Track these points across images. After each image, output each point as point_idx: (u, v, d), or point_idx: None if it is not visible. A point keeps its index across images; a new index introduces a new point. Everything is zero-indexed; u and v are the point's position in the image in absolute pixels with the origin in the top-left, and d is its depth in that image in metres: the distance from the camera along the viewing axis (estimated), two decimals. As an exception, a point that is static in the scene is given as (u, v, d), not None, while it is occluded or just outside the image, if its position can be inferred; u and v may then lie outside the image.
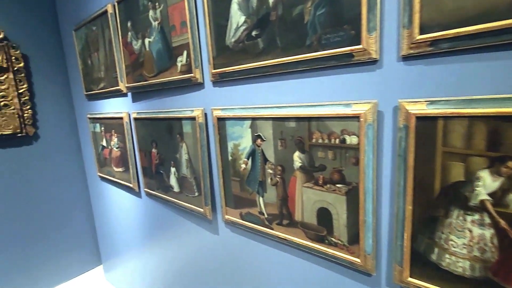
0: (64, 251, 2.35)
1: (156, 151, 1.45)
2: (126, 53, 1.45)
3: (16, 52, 1.96)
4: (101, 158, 2.01)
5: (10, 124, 1.96)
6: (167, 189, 1.44)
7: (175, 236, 1.54)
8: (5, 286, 2.03)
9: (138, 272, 2.01)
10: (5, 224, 2.02)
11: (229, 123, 1.05)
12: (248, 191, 1.04)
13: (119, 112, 1.65)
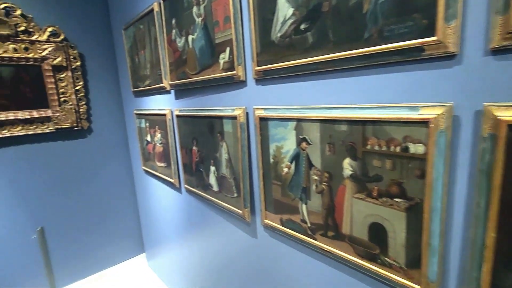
0: (112, 238, 2.51)
1: (196, 148, 1.45)
2: (170, 50, 1.46)
3: (74, 51, 2.11)
4: (145, 153, 2.09)
5: (68, 118, 2.12)
6: (206, 188, 1.44)
7: (212, 233, 1.53)
8: (60, 268, 2.23)
9: (176, 262, 2.07)
10: (62, 209, 2.22)
11: (271, 123, 0.99)
12: (290, 196, 0.98)
13: (162, 109, 1.69)
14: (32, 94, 1.98)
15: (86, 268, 2.40)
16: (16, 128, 1.95)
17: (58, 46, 2.01)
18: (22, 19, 1.89)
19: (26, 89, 1.96)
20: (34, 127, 2.01)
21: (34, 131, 2.01)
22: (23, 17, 1.89)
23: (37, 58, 1.95)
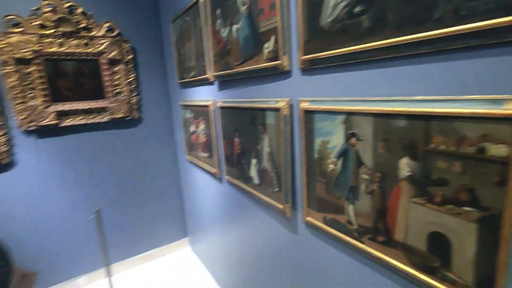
0: (158, 221, 2.68)
1: (238, 140, 1.45)
2: (214, 41, 1.46)
3: (127, 45, 2.23)
4: (189, 143, 2.16)
5: (122, 109, 2.27)
6: (247, 180, 1.43)
7: (252, 225, 1.53)
8: (113, 245, 2.44)
9: (217, 250, 2.13)
10: (115, 193, 2.41)
11: (318, 116, 0.93)
12: (335, 195, 0.92)
13: (206, 100, 1.71)
14: (91, 86, 2.16)
15: (135, 247, 2.60)
16: (78, 117, 2.14)
17: (113, 41, 2.15)
18: (83, 17, 2.04)
19: (86, 81, 2.14)
20: (93, 116, 2.20)
21: (93, 120, 2.20)
22: (84, 14, 2.05)
23: (95, 53, 2.11)
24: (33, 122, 1.97)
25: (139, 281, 2.42)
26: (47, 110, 2.00)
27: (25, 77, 1.92)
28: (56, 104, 2.04)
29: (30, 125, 1.97)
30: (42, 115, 1.99)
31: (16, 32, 1.84)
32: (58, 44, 1.98)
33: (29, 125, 1.97)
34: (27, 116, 1.95)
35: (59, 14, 1.95)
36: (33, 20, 1.89)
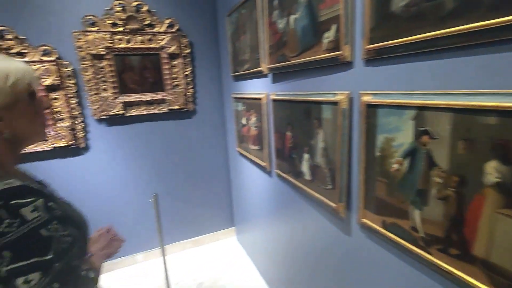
0: (207, 208, 2.80)
1: (290, 134, 1.42)
2: (270, 33, 1.44)
3: (185, 40, 2.34)
4: (240, 135, 2.19)
5: (178, 100, 2.41)
6: (298, 175, 1.40)
7: (301, 221, 1.50)
8: (167, 228, 2.62)
9: (263, 243, 2.15)
10: (170, 179, 2.58)
11: (382, 111, 0.85)
12: (398, 198, 0.84)
13: (259, 93, 1.71)
14: (153, 79, 2.32)
15: (185, 231, 2.76)
16: (141, 108, 2.33)
17: (173, 36, 2.27)
18: (147, 14, 2.19)
19: (148, 75, 2.30)
20: (153, 107, 2.36)
21: (153, 111, 2.36)
22: (148, 12, 2.19)
23: (157, 48, 2.25)
24: (104, 112, 2.20)
25: (188, 263, 2.57)
26: (115, 101, 2.21)
27: (98, 71, 2.14)
28: (123, 96, 2.24)
29: (101, 114, 2.20)
30: (111, 105, 2.20)
31: (92, 30, 2.06)
32: (126, 40, 2.16)
33: (101, 114, 2.20)
34: (99, 106, 2.18)
35: (128, 12, 2.12)
36: (106, 19, 2.09)
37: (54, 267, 0.60)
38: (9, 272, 0.55)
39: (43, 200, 0.62)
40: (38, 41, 1.96)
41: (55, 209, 0.64)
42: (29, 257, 0.58)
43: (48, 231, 0.60)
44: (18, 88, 0.65)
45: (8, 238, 0.55)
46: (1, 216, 0.55)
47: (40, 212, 0.60)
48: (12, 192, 0.59)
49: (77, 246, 0.71)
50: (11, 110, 0.65)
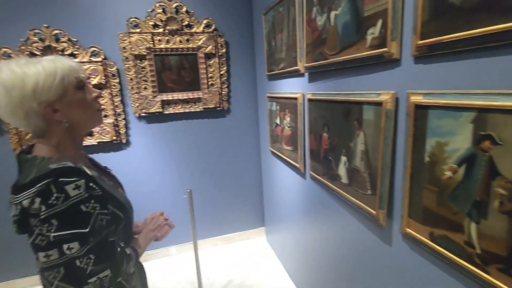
0: (238, 207, 2.82)
1: (327, 135, 1.37)
2: (308, 30, 1.40)
3: (221, 39, 2.37)
4: (273, 135, 2.17)
5: (213, 99, 2.45)
6: (334, 178, 1.35)
7: (335, 226, 1.44)
8: (200, 223, 2.68)
9: (293, 245, 2.11)
10: (204, 176, 2.64)
11: (433, 113, 0.78)
12: (451, 208, 0.76)
13: (294, 92, 1.67)
14: (189, 78, 2.38)
15: (216, 228, 2.81)
16: (177, 107, 2.41)
17: (210, 36, 2.31)
18: (186, 15, 2.25)
19: (185, 74, 2.37)
20: (189, 106, 2.43)
21: (189, 109, 2.43)
22: (187, 13, 2.25)
23: (194, 48, 2.31)
24: (144, 109, 2.30)
25: (219, 260, 2.61)
26: (154, 99, 2.30)
27: (140, 71, 2.24)
28: (161, 94, 2.33)
29: (141, 111, 2.30)
30: (151, 103, 2.30)
31: (135, 32, 2.16)
32: (166, 41, 2.24)
33: (141, 111, 2.30)
34: (140, 104, 2.29)
35: (168, 14, 2.20)
36: (148, 21, 2.19)
37: (90, 240, 0.70)
38: (56, 238, 0.66)
39: (85, 181, 0.70)
40: (88, 43, 2.11)
41: (95, 189, 0.73)
42: (71, 227, 0.68)
43: (86, 207, 0.69)
44: (66, 83, 0.75)
45: (55, 209, 0.65)
46: (51, 190, 0.66)
47: (81, 191, 0.69)
48: (62, 171, 0.68)
49: (119, 225, 0.82)
50: (63, 102, 0.76)
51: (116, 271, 0.76)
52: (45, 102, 0.73)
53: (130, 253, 0.85)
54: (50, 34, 2.00)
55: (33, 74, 0.70)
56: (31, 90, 0.70)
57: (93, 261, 0.70)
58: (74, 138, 0.82)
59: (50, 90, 0.72)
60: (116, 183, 0.97)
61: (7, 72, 0.69)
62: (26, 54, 1.99)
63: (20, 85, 0.69)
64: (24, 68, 0.70)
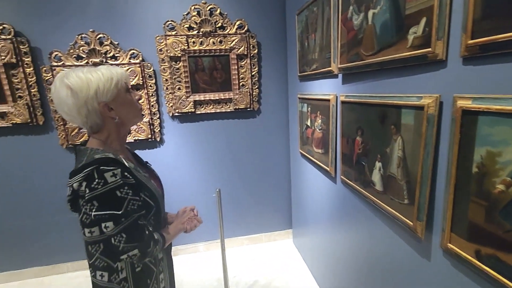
0: (265, 207, 2.81)
1: (360, 139, 1.31)
2: (343, 30, 1.35)
3: (253, 40, 2.38)
4: (303, 137, 2.13)
5: (244, 100, 2.46)
6: (366, 184, 1.28)
7: (367, 234, 1.38)
8: (227, 222, 2.71)
9: (320, 248, 2.06)
10: (233, 176, 2.67)
11: (484, 119, 0.71)
12: (502, 225, 0.68)
13: (326, 94, 1.63)
14: (221, 79, 2.42)
15: (243, 228, 2.83)
16: (209, 107, 2.46)
17: (242, 37, 2.33)
18: (219, 17, 2.29)
19: (217, 75, 2.41)
20: (220, 106, 2.47)
21: (220, 109, 2.47)
22: (221, 15, 2.29)
23: (226, 49, 2.34)
24: (177, 109, 2.38)
25: (245, 259, 2.62)
26: (187, 99, 2.37)
27: (174, 72, 2.32)
28: (194, 95, 2.39)
29: (175, 111, 2.38)
30: (184, 103, 2.37)
31: (171, 34, 2.24)
32: (199, 42, 2.29)
33: (175, 111, 2.38)
34: (174, 104, 2.37)
35: (202, 16, 2.25)
36: (183, 23, 2.25)
37: (123, 221, 0.82)
38: (95, 217, 0.80)
39: (121, 170, 0.82)
40: (128, 46, 2.23)
41: (129, 178, 0.84)
42: (107, 208, 0.80)
43: (121, 193, 0.81)
44: (119, 86, 0.90)
45: (96, 192, 0.79)
46: (94, 176, 0.79)
47: (117, 178, 0.81)
48: (103, 161, 0.81)
49: (150, 212, 0.92)
50: (117, 102, 0.90)
51: (144, 252, 0.87)
52: (103, 102, 0.87)
53: (158, 238, 0.93)
54: (95, 38, 2.14)
55: (95, 79, 0.85)
56: (94, 92, 0.84)
57: (124, 239, 0.82)
58: (120, 133, 0.96)
59: (108, 92, 0.87)
60: (152, 176, 1.07)
61: (74, 78, 0.84)
62: (74, 57, 2.15)
63: (86, 88, 0.84)
64: (87, 74, 0.85)
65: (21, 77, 2.12)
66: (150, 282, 0.97)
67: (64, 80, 0.84)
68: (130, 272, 0.92)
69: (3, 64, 2.06)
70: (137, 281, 0.93)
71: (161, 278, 1.02)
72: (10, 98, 2.14)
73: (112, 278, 0.91)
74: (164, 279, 1.04)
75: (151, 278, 0.97)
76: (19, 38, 2.07)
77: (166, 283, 1.05)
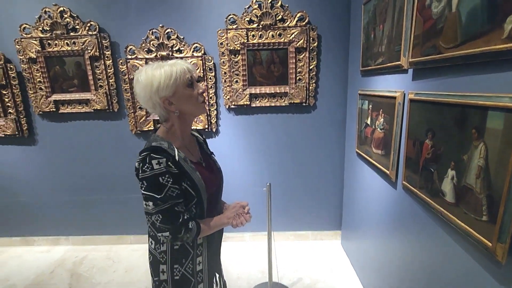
0: (314, 205, 2.74)
1: (430, 143, 1.17)
2: (419, 20, 1.20)
3: (314, 33, 2.30)
4: (362, 136, 2.00)
5: (300, 95, 2.41)
6: (434, 193, 1.15)
7: (430, 249, 1.24)
8: (276, 216, 2.71)
9: (372, 255, 1.93)
10: (283, 170, 2.65)
11: None
12: None
13: (393, 90, 1.49)
14: (278, 73, 2.40)
15: (290, 223, 2.80)
16: (264, 100, 2.47)
17: (302, 30, 2.26)
18: (280, 9, 2.25)
19: (275, 68, 2.40)
20: (275, 100, 2.46)
21: (275, 103, 2.46)
22: (281, 7, 2.25)
23: (285, 42, 2.30)
24: (234, 102, 2.44)
25: (290, 255, 2.61)
26: (244, 92, 2.41)
27: (233, 65, 2.38)
28: (250, 88, 2.42)
29: (231, 104, 2.45)
30: (240, 96, 2.42)
31: (232, 28, 2.29)
32: (259, 36, 2.30)
33: (231, 103, 2.45)
34: (230, 97, 2.43)
35: (263, 9, 2.25)
36: (244, 17, 2.28)
37: (160, 204, 0.92)
38: (143, 194, 0.93)
39: (166, 159, 0.91)
40: (192, 40, 2.35)
41: (172, 168, 0.92)
42: (150, 191, 0.92)
43: (162, 179, 0.91)
44: (178, 82, 0.95)
45: (145, 174, 0.90)
46: (146, 160, 0.90)
47: (161, 166, 0.90)
48: (155, 149, 0.92)
49: (191, 201, 0.99)
50: (176, 97, 0.97)
51: (174, 236, 0.95)
52: (164, 97, 0.95)
53: (192, 227, 0.98)
54: (163, 32, 2.31)
55: (157, 77, 0.93)
56: (156, 88, 0.93)
57: (160, 220, 0.93)
58: (182, 124, 1.04)
59: (167, 88, 0.94)
60: (209, 168, 1.13)
61: (144, 74, 0.94)
62: (145, 50, 2.35)
63: (150, 84, 0.93)
64: (154, 71, 0.93)
65: (102, 68, 2.40)
66: (186, 261, 1.06)
67: (138, 76, 0.96)
68: (169, 247, 1.04)
69: (89, 57, 2.36)
70: (174, 257, 1.04)
71: (198, 261, 1.09)
72: (93, 87, 2.45)
73: (157, 247, 1.05)
74: (202, 262, 1.10)
75: (187, 258, 1.06)
76: (102, 34, 2.34)
77: (204, 267, 1.11)
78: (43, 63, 2.39)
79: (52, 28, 2.32)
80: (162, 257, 1.05)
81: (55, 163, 2.69)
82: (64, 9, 2.29)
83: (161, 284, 1.06)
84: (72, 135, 2.62)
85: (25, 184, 2.76)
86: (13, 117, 2.52)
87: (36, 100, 2.48)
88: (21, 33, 2.34)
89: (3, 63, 2.40)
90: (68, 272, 2.49)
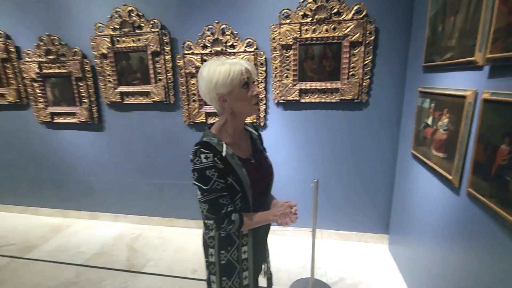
0: (362, 206, 2.65)
1: (508, 149, 1.06)
2: (501, 11, 1.08)
3: (371, 26, 2.19)
4: (420, 136, 1.87)
5: (352, 91, 2.33)
6: (508, 205, 1.04)
7: (501, 266, 1.14)
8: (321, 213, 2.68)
9: (424, 264, 1.82)
10: (331, 168, 2.60)
11: None
12: None
13: (462, 89, 1.37)
14: (330, 68, 2.34)
15: (334, 222, 2.75)
16: (314, 96, 2.43)
17: (358, 23, 2.17)
18: (336, 2, 2.18)
19: (327, 63, 2.34)
20: (326, 96, 2.41)
21: (325, 99, 2.41)
22: (338, 0, 2.18)
23: (340, 36, 2.23)
24: (283, 97, 2.45)
25: (332, 254, 2.57)
26: (293, 87, 2.41)
27: (284, 60, 2.38)
28: (300, 83, 2.41)
29: (280, 98, 2.47)
30: (289, 91, 2.43)
31: (285, 23, 2.29)
32: (312, 30, 2.26)
33: (280, 98, 2.47)
34: (280, 92, 2.45)
35: (318, 3, 2.20)
36: (298, 11, 2.26)
37: (206, 195, 1.00)
38: (194, 184, 1.02)
39: (213, 155, 0.98)
40: (245, 35, 2.40)
41: (218, 163, 0.98)
42: (198, 182, 1.00)
43: (209, 173, 0.98)
44: (234, 82, 0.99)
45: (195, 166, 0.98)
46: (197, 153, 0.98)
47: (208, 160, 0.97)
48: (204, 144, 0.99)
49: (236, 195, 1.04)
50: (230, 95, 1.01)
51: (218, 226, 1.03)
52: (220, 94, 1.01)
53: (235, 219, 1.03)
54: (218, 28, 2.39)
55: (217, 73, 0.97)
56: (214, 85, 0.98)
57: (206, 209, 1.02)
58: (234, 121, 1.09)
59: (223, 86, 0.98)
60: (258, 164, 1.17)
61: (206, 70, 0.99)
62: (200, 46, 2.47)
63: (210, 80, 0.98)
64: (216, 68, 0.98)
65: (162, 63, 2.59)
66: (231, 249, 1.13)
67: (202, 69, 1.02)
68: (216, 234, 1.12)
69: (151, 52, 2.55)
70: (220, 243, 1.12)
71: (243, 250, 1.15)
72: (153, 81, 2.65)
73: (206, 232, 1.16)
74: (248, 251, 1.16)
75: (232, 246, 1.12)
76: (163, 31, 2.51)
77: (249, 256, 1.17)
78: (113, 58, 2.65)
79: (121, 26, 2.55)
80: (211, 242, 1.14)
81: (118, 148, 3.00)
82: (132, 8, 2.50)
83: (210, 265, 1.17)
84: (134, 124, 2.88)
85: (93, 165, 3.12)
86: (87, 106, 2.85)
87: (105, 91, 2.77)
88: (95, 31, 2.62)
89: (81, 58, 2.72)
90: (126, 247, 2.78)
